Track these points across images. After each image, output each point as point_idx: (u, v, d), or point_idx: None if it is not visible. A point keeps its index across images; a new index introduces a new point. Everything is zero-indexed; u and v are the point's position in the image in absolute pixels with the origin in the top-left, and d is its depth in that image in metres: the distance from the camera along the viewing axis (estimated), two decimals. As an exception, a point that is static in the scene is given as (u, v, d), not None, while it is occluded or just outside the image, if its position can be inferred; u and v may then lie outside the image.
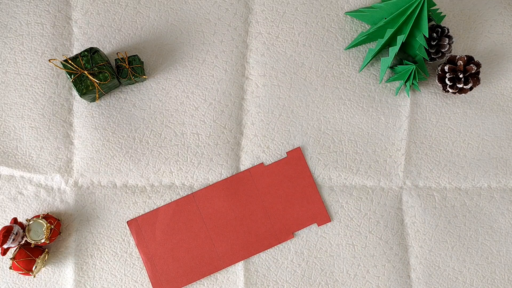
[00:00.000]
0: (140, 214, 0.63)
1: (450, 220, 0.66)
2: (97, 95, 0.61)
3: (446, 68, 0.63)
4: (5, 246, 0.58)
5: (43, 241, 0.59)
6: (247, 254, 0.63)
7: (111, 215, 0.63)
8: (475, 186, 0.67)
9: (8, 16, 0.63)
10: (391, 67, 0.66)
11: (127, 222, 0.61)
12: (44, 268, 0.62)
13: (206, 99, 0.65)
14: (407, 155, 0.66)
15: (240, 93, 0.65)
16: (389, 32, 0.59)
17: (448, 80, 0.63)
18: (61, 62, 0.59)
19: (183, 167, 0.64)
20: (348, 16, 0.66)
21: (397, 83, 0.66)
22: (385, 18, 0.59)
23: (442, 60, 0.67)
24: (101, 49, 0.62)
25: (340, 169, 0.65)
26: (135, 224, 0.62)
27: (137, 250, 0.63)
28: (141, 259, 0.63)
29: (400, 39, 0.58)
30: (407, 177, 0.66)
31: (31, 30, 0.63)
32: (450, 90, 0.63)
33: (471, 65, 0.62)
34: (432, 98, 0.67)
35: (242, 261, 0.63)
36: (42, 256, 0.59)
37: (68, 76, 0.58)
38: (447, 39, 0.62)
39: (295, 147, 0.65)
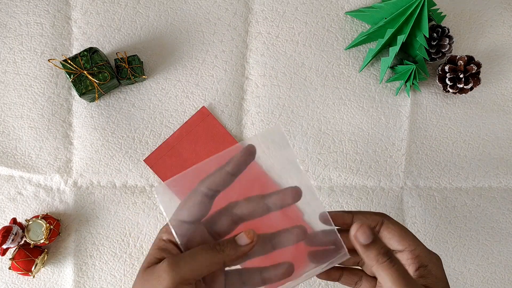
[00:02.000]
0: (140, 213, 0.63)
1: (451, 221, 0.66)
2: (96, 95, 0.61)
3: (446, 68, 0.63)
4: (4, 247, 0.58)
5: (42, 241, 0.59)
6: None
7: (111, 215, 0.63)
8: (476, 187, 0.67)
9: (7, 16, 0.63)
10: (391, 67, 0.66)
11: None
12: (43, 269, 0.62)
13: (206, 99, 0.64)
14: (407, 155, 0.66)
15: (240, 93, 0.65)
16: (389, 32, 0.59)
17: (449, 80, 0.63)
18: (60, 62, 0.59)
19: (183, 167, 0.64)
20: (348, 16, 0.66)
21: (397, 83, 0.66)
22: (386, 18, 0.59)
23: (443, 60, 0.67)
24: (100, 49, 0.62)
25: (340, 169, 0.65)
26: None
27: (136, 251, 0.63)
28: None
29: (400, 39, 0.58)
30: (408, 177, 0.66)
31: (30, 30, 0.63)
32: (451, 90, 0.63)
33: (472, 65, 0.62)
34: (432, 98, 0.67)
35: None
36: (42, 256, 0.59)
37: (68, 76, 0.58)
38: (447, 39, 0.62)
39: (294, 147, 0.65)
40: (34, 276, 0.59)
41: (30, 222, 0.59)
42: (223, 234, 0.39)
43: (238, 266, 0.41)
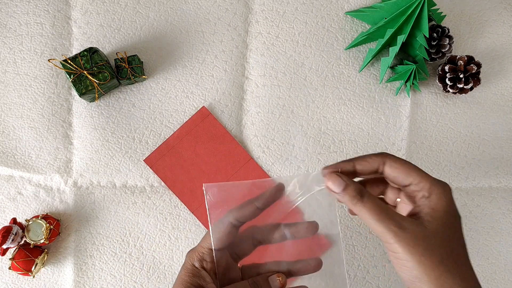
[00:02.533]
0: (140, 213, 0.63)
1: (451, 221, 0.66)
2: (96, 95, 0.61)
3: (446, 68, 0.63)
4: (4, 246, 0.58)
5: (42, 241, 0.59)
6: None
7: (111, 215, 0.63)
8: (476, 187, 0.67)
9: (7, 16, 0.63)
10: (391, 67, 0.66)
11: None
12: (43, 269, 0.62)
13: (206, 99, 0.64)
14: (407, 155, 0.66)
15: (240, 93, 0.65)
16: (389, 32, 0.59)
17: (449, 80, 0.62)
18: (60, 62, 0.59)
19: (183, 167, 0.64)
20: (348, 16, 0.66)
21: (398, 83, 0.66)
22: (386, 18, 0.59)
23: (443, 60, 0.67)
24: (100, 49, 0.61)
25: (340, 169, 0.65)
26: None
27: (136, 251, 0.63)
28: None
29: (400, 39, 0.58)
30: (408, 177, 0.66)
31: (30, 30, 0.63)
32: (451, 90, 0.63)
33: (472, 65, 0.62)
34: (432, 98, 0.67)
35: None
36: (42, 256, 0.59)
37: (68, 76, 0.58)
38: (447, 39, 0.62)
39: (294, 147, 0.65)
40: (34, 276, 0.59)
41: (30, 222, 0.59)
42: (242, 256, 0.43)
43: None
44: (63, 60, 0.59)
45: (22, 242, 0.60)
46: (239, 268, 0.43)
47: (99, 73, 0.59)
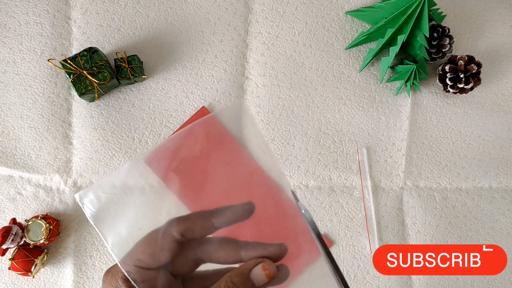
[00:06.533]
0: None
1: (451, 221, 0.66)
2: (96, 95, 0.60)
3: (446, 68, 0.63)
4: (3, 247, 0.57)
5: (42, 241, 0.58)
6: None
7: (110, 215, 0.63)
8: (476, 187, 0.67)
9: (7, 16, 0.63)
10: (392, 67, 0.65)
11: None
12: (43, 269, 0.62)
13: (206, 99, 0.64)
14: (407, 155, 0.66)
15: (240, 93, 0.65)
16: (389, 32, 0.59)
17: (449, 80, 0.62)
18: (60, 62, 0.59)
19: (183, 167, 0.64)
20: (348, 15, 0.66)
21: (398, 83, 0.66)
22: (386, 18, 0.59)
23: (443, 60, 0.66)
24: (100, 49, 0.61)
25: (341, 169, 0.65)
26: None
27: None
28: None
29: (401, 38, 0.58)
30: (408, 178, 0.66)
31: (30, 30, 0.63)
32: (451, 90, 0.63)
33: (472, 65, 0.62)
34: (432, 98, 0.66)
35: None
36: (41, 256, 0.59)
37: (67, 76, 0.58)
38: (447, 39, 0.62)
39: (294, 147, 0.65)
40: (33, 276, 0.59)
41: (30, 222, 0.59)
42: (184, 274, 0.33)
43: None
44: (63, 60, 0.58)
45: (22, 242, 0.59)
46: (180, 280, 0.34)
47: (99, 73, 0.59)
